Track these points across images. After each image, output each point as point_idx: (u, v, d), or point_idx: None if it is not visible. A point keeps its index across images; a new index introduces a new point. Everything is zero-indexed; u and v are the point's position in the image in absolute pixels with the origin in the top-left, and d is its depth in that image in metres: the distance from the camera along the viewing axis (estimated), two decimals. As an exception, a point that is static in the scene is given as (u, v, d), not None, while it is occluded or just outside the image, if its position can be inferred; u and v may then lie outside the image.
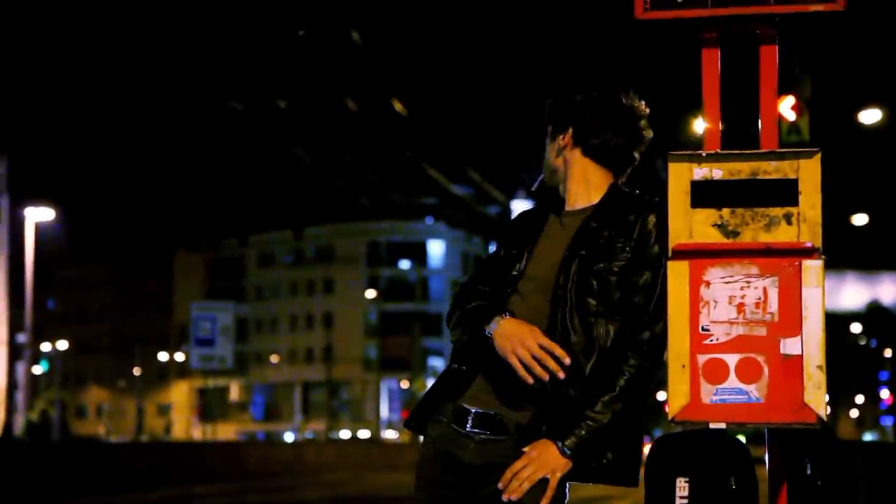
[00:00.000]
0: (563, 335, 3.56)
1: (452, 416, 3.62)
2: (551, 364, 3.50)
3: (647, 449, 3.64)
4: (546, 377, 3.50)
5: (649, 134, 3.79)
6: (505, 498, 3.48)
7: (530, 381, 3.50)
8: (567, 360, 3.51)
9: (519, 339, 3.53)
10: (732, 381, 3.47)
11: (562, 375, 3.50)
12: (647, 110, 3.79)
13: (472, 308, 3.69)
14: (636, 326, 3.57)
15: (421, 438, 3.76)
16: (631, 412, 3.58)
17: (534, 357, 3.50)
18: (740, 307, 3.49)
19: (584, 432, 3.51)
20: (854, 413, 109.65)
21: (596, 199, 3.73)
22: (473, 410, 3.58)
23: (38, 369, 73.54)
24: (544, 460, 3.49)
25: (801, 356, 3.44)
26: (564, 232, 3.72)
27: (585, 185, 3.74)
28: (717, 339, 3.49)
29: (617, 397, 3.54)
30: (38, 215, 41.10)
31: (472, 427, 3.58)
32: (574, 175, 3.76)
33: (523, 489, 3.48)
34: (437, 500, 3.61)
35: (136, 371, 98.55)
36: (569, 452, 3.51)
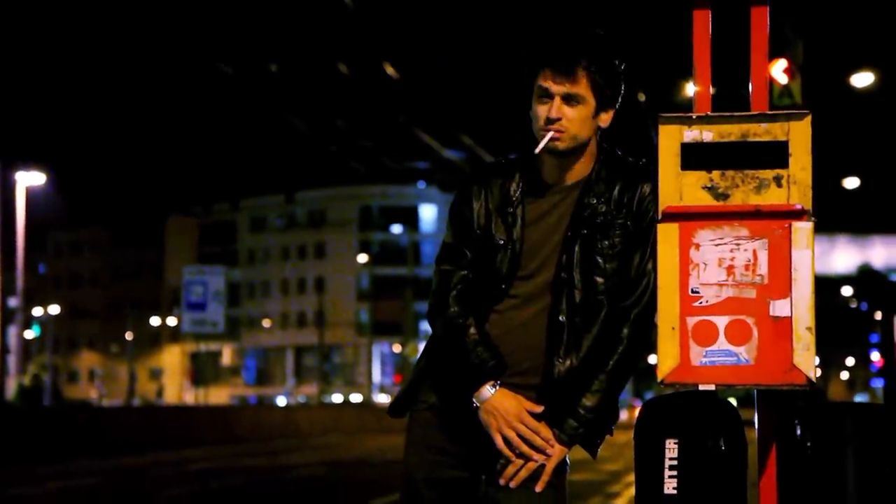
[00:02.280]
0: (569, 319, 3.54)
1: (440, 395, 3.62)
2: (538, 442, 3.50)
3: (636, 412, 3.65)
4: (533, 456, 3.50)
5: None
6: (502, 482, 3.48)
7: (513, 457, 3.50)
8: (552, 446, 3.51)
9: (504, 419, 3.48)
10: (722, 342, 3.48)
11: (549, 454, 3.50)
12: None
13: (463, 343, 3.55)
14: (631, 298, 3.57)
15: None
16: (620, 385, 3.59)
17: (520, 436, 3.51)
18: (730, 269, 3.49)
19: (580, 420, 3.52)
20: (845, 375, 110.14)
21: (587, 172, 3.64)
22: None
23: (29, 334, 73.56)
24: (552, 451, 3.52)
25: (790, 318, 3.45)
26: (557, 210, 3.62)
27: (588, 160, 3.63)
28: (707, 302, 3.49)
29: (611, 376, 3.55)
30: (29, 179, 41.01)
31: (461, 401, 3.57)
32: (586, 151, 3.62)
33: (521, 477, 3.48)
34: (434, 465, 3.60)
35: (128, 335, 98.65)
36: (565, 439, 3.52)
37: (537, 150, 3.56)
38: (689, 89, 3.70)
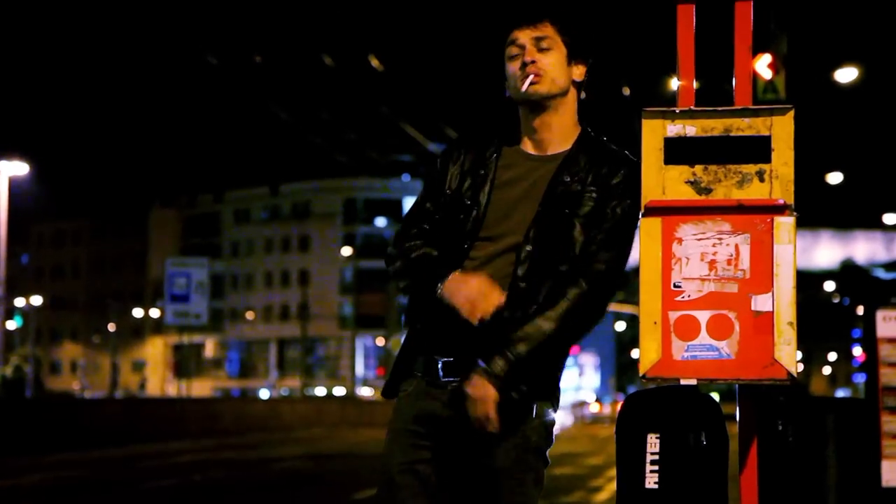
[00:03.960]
0: (528, 286, 3.53)
1: (423, 369, 3.62)
2: (493, 300, 3.48)
3: (618, 406, 3.64)
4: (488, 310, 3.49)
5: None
6: (490, 429, 3.47)
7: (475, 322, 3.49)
8: (500, 303, 3.50)
9: (465, 282, 3.51)
10: (704, 337, 3.48)
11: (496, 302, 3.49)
12: None
13: (418, 258, 3.61)
14: (590, 258, 3.54)
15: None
16: (558, 343, 3.53)
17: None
18: (712, 264, 3.50)
19: (508, 361, 3.45)
20: (827, 370, 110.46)
21: (566, 147, 3.66)
22: (441, 360, 3.57)
23: (12, 325, 73.32)
24: (480, 392, 3.47)
25: (771, 313, 3.45)
26: (530, 178, 3.64)
27: (564, 129, 3.65)
28: (689, 296, 3.50)
29: (551, 318, 3.48)
30: (11, 170, 40.86)
31: (443, 377, 3.57)
32: (566, 111, 3.65)
33: (492, 425, 3.46)
34: (411, 451, 3.60)
35: (111, 327, 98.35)
36: (492, 373, 3.45)
37: (522, 88, 3.59)
38: (674, 84, 3.70)
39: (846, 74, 23.49)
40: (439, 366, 3.57)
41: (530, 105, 3.64)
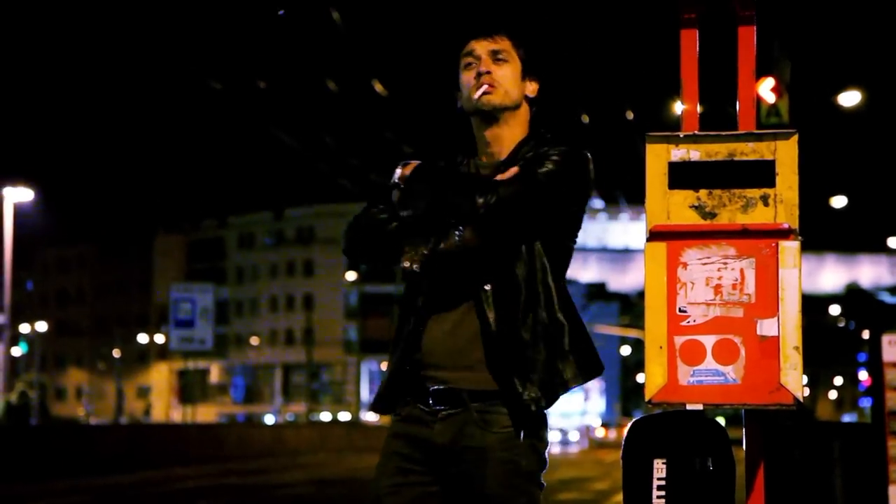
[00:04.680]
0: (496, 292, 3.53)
1: (415, 395, 3.61)
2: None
3: (624, 431, 3.63)
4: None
5: None
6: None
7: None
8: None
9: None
10: (709, 362, 3.48)
11: None
12: None
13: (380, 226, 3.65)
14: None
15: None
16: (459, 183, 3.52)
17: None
18: (717, 288, 3.49)
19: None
20: (833, 394, 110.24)
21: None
22: (431, 388, 3.57)
23: (17, 351, 73.33)
24: None
25: (777, 337, 3.44)
26: None
27: (515, 142, 3.65)
28: (694, 321, 3.49)
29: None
30: (16, 196, 40.92)
31: (433, 405, 3.56)
32: (516, 124, 3.65)
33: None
34: (400, 475, 3.59)
35: (116, 353, 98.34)
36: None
37: (475, 97, 3.59)
38: (677, 108, 3.70)
39: (849, 98, 23.50)
40: (429, 394, 3.57)
41: (482, 115, 3.64)
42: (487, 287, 3.50)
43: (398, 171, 3.60)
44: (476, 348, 3.51)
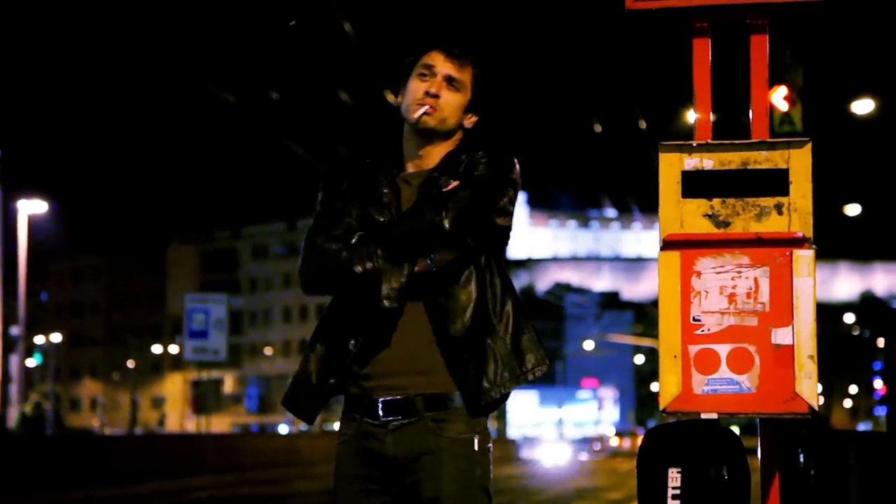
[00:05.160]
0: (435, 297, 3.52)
1: (363, 410, 3.59)
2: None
3: (639, 440, 3.62)
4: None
5: None
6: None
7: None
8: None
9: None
10: (724, 371, 3.47)
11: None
12: None
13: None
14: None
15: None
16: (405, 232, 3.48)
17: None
18: (731, 297, 3.49)
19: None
20: (848, 403, 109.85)
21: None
22: (380, 400, 3.55)
23: (31, 362, 73.41)
24: None
25: (792, 346, 3.44)
26: (412, 189, 3.62)
27: (441, 154, 3.64)
28: (709, 330, 3.49)
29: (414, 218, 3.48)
30: (31, 208, 40.99)
31: (383, 416, 3.54)
32: (447, 145, 3.64)
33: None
34: (361, 494, 3.58)
35: (130, 363, 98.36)
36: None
37: (414, 116, 3.58)
38: (690, 116, 3.70)
39: (863, 106, 23.46)
40: (379, 405, 3.55)
41: (415, 130, 3.64)
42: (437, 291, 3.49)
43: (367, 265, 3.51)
44: (429, 352, 3.49)
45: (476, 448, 3.50)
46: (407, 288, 3.47)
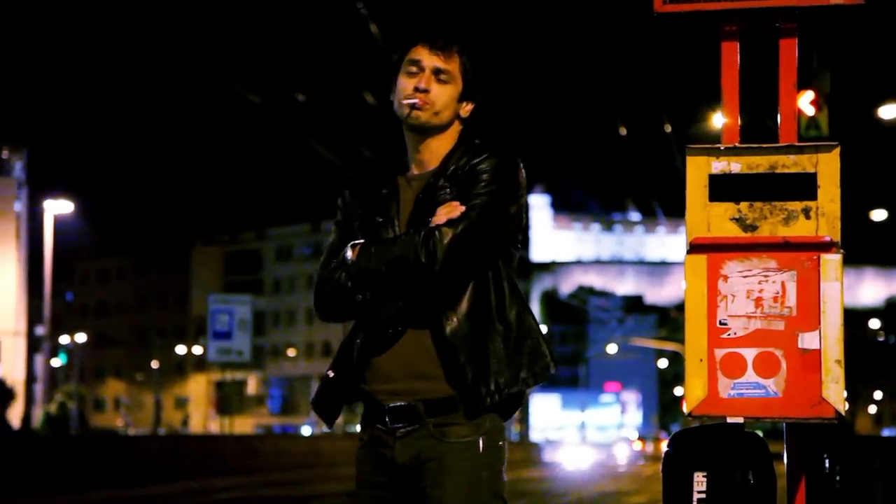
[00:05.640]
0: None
1: (375, 416, 3.60)
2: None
3: (663, 444, 3.62)
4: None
5: None
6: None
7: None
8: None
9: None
10: (750, 375, 3.46)
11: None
12: None
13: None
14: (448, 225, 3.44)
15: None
16: (382, 254, 3.47)
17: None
18: (758, 301, 3.48)
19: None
20: (872, 409, 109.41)
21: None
22: (388, 406, 3.55)
23: (56, 362, 73.79)
24: None
25: (819, 351, 3.43)
26: (413, 194, 3.60)
27: (444, 150, 3.60)
28: (735, 333, 3.48)
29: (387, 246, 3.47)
30: (56, 208, 41.20)
31: (391, 423, 3.54)
32: (445, 137, 3.61)
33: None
34: (375, 501, 3.59)
35: (154, 364, 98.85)
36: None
37: (404, 113, 3.55)
38: (715, 120, 3.69)
39: (890, 111, 23.36)
40: (387, 412, 3.55)
41: (409, 126, 3.62)
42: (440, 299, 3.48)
43: (349, 254, 3.54)
44: (429, 357, 3.48)
45: (481, 450, 3.47)
46: (402, 307, 3.47)
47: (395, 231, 3.55)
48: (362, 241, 3.55)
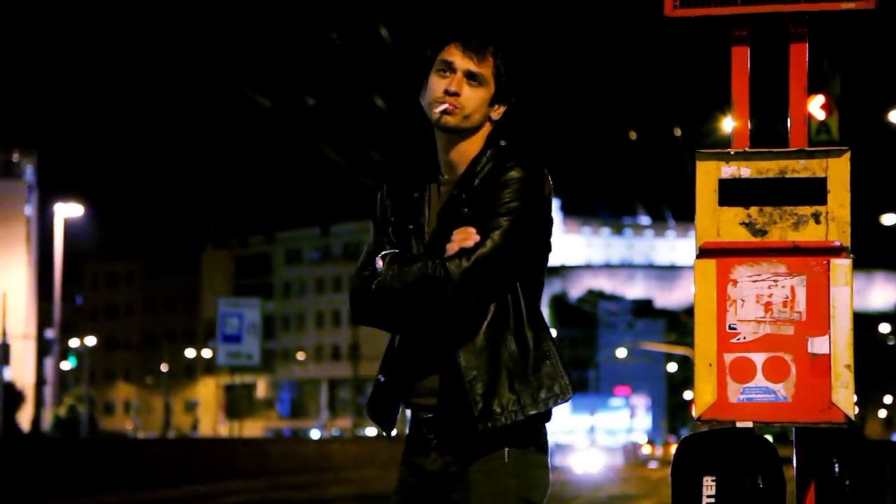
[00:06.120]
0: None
1: (413, 425, 3.62)
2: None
3: (673, 448, 3.62)
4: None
5: None
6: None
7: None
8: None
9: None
10: (759, 379, 3.46)
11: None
12: None
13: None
14: (466, 251, 3.41)
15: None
16: (402, 279, 3.45)
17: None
18: (768, 306, 3.48)
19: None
20: (882, 413, 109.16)
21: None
22: (425, 416, 3.56)
23: (66, 365, 73.90)
24: None
25: (828, 355, 3.42)
26: (440, 203, 3.57)
27: (473, 152, 3.56)
28: (745, 338, 3.48)
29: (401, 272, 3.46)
30: (67, 211, 41.27)
31: (427, 434, 3.56)
32: (475, 139, 3.56)
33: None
34: (405, 502, 3.61)
35: (164, 367, 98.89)
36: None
37: (435, 115, 3.50)
38: (725, 124, 3.69)
39: (900, 115, 23.31)
40: (422, 421, 3.56)
41: (439, 128, 3.57)
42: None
43: (378, 264, 3.54)
44: (452, 374, 3.47)
45: (507, 459, 3.46)
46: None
47: (422, 242, 3.54)
48: (392, 252, 3.54)
